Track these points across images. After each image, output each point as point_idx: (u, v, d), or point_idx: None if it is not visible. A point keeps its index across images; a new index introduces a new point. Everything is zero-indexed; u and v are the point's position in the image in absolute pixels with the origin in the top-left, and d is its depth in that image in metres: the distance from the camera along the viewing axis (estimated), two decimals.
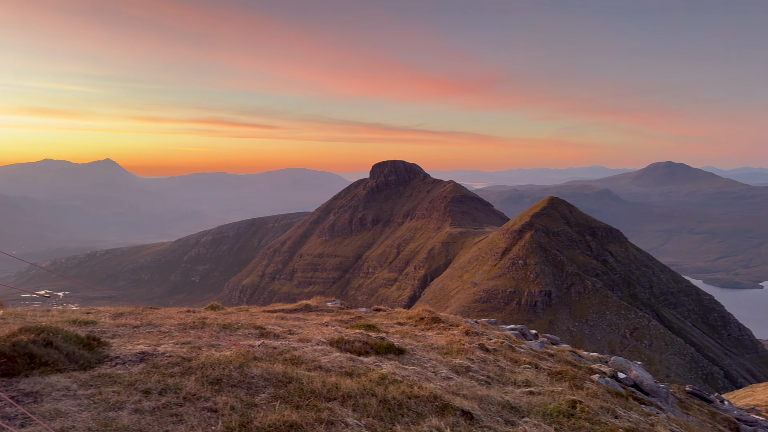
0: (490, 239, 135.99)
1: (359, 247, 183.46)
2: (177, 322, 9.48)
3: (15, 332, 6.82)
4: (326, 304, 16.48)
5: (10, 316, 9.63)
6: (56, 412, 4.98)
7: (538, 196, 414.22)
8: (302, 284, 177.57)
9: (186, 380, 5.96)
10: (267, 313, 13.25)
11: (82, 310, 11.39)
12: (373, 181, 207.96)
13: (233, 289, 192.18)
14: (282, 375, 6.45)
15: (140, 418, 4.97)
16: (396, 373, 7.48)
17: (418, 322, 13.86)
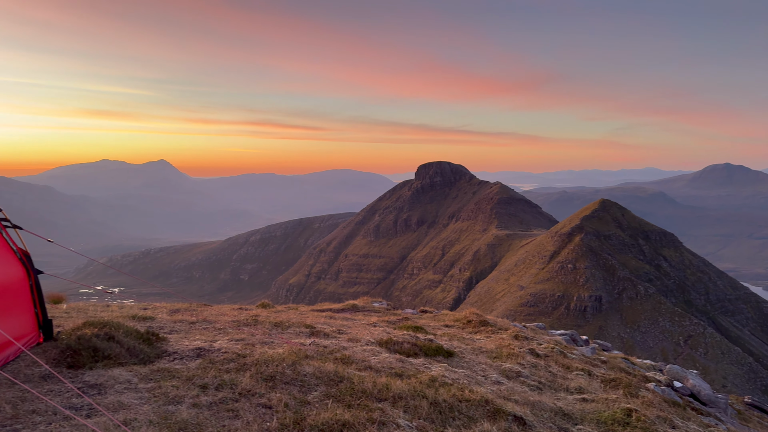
0: (538, 242, 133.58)
1: (404, 248, 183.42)
2: (231, 319, 9.71)
3: (79, 326, 7.12)
4: (373, 305, 16.55)
5: (74, 310, 10.07)
6: (119, 404, 5.16)
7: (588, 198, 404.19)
8: (347, 284, 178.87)
9: (241, 376, 6.08)
10: (316, 312, 13.40)
11: (140, 305, 11.81)
12: (418, 182, 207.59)
13: (280, 288, 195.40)
14: (333, 374, 6.50)
15: (198, 413, 5.10)
16: (446, 376, 7.43)
17: (465, 325, 13.75)
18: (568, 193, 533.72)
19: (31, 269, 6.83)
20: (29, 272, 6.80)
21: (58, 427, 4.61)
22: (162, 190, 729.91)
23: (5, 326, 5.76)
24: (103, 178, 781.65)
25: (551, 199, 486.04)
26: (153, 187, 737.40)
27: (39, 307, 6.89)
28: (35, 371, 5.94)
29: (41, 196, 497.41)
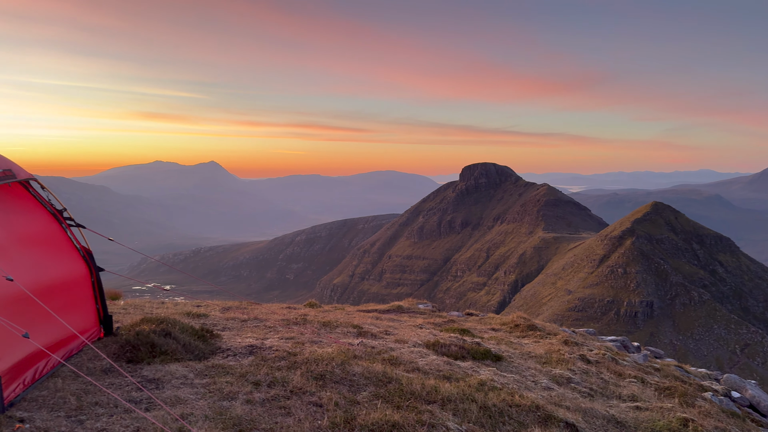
0: (587, 245, 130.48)
1: (447, 250, 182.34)
2: (280, 318, 9.88)
3: (137, 322, 7.39)
4: (418, 306, 16.52)
5: (130, 306, 10.45)
6: (176, 399, 5.33)
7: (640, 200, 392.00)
8: (390, 285, 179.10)
9: (292, 374, 6.18)
10: (362, 312, 13.48)
11: (193, 303, 12.14)
12: (462, 184, 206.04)
13: (324, 288, 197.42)
14: (382, 374, 6.52)
15: (252, 409, 5.21)
16: (495, 380, 7.35)
17: (512, 329, 13.55)
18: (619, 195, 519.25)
19: (93, 266, 7.14)
20: (91, 269, 7.11)
21: (119, 419, 4.79)
22: (212, 190, 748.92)
23: (70, 321, 6.04)
24: (157, 179, 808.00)
25: (601, 201, 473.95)
26: (204, 187, 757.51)
27: (100, 303, 7.19)
28: (97, 365, 6.19)
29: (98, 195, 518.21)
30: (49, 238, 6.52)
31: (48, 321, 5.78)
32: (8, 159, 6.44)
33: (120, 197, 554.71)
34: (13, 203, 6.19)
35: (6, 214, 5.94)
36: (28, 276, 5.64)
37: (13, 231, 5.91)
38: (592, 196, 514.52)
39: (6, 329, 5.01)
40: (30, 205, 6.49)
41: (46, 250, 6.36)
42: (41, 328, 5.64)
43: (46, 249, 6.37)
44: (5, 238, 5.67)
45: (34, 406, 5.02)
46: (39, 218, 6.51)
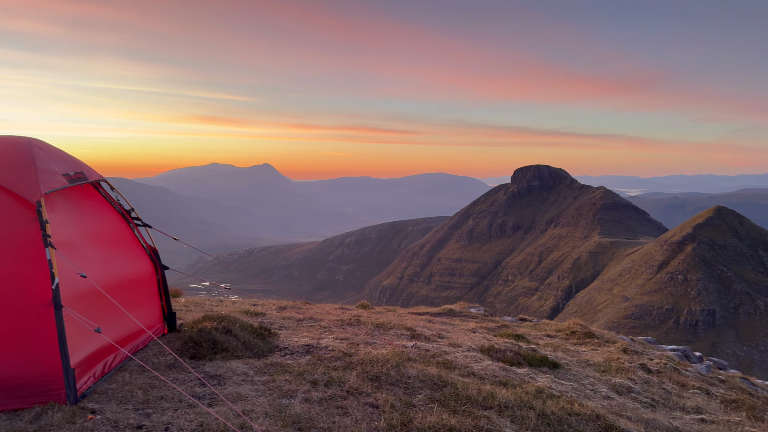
0: (645, 251, 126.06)
1: (498, 253, 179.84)
2: (334, 318, 9.98)
3: (199, 320, 7.62)
4: (470, 310, 16.38)
5: (191, 304, 10.79)
6: (237, 396, 5.46)
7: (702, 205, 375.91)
8: (439, 288, 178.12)
9: (348, 374, 6.23)
10: (414, 315, 13.46)
11: (249, 301, 12.43)
12: (514, 186, 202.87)
13: (373, 289, 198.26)
14: (437, 378, 6.49)
15: (310, 408, 5.28)
16: (553, 388, 7.19)
17: (569, 336, 13.24)
18: (680, 199, 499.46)
19: (159, 265, 7.41)
20: (157, 268, 7.38)
21: (183, 413, 4.94)
22: (265, 192, 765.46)
23: (137, 317, 6.28)
24: (213, 180, 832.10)
25: (661, 205, 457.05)
26: (257, 188, 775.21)
27: (164, 300, 7.46)
28: (162, 360, 6.42)
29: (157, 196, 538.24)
30: (119, 237, 6.82)
31: (117, 317, 6.04)
32: (80, 161, 6.77)
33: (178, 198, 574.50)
34: (85, 204, 6.49)
35: (79, 214, 6.24)
36: (99, 273, 5.90)
37: (86, 230, 6.20)
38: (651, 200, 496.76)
39: (79, 324, 5.26)
40: (100, 206, 6.80)
41: (116, 248, 6.65)
42: (110, 324, 5.89)
43: (116, 247, 6.66)
44: (78, 236, 5.96)
45: (104, 398, 5.24)
46: (109, 218, 6.81)
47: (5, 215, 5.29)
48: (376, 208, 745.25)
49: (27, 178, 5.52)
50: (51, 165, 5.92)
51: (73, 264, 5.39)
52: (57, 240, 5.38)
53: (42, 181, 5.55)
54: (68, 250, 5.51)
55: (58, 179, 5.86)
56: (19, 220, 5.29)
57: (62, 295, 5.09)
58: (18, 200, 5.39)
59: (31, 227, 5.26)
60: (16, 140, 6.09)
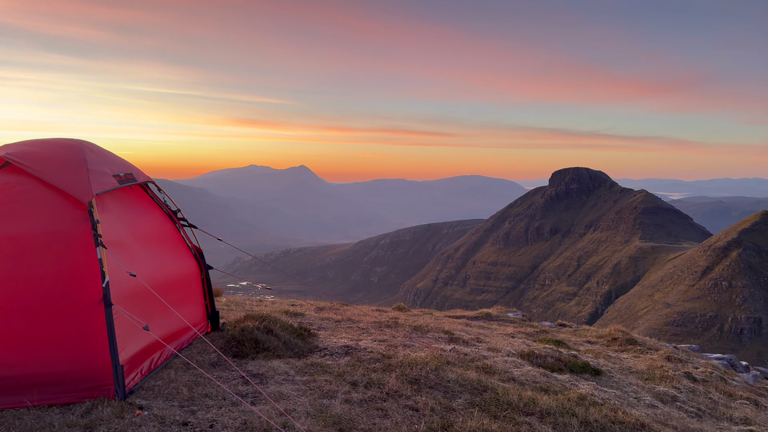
0: (688, 256, 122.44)
1: (535, 257, 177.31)
2: (372, 320, 10.01)
3: (241, 319, 7.75)
4: (507, 315, 16.20)
5: (232, 303, 10.97)
6: (279, 395, 5.53)
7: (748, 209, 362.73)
8: (474, 292, 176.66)
9: (387, 376, 6.23)
10: (450, 318, 13.39)
11: (288, 302, 12.56)
12: (552, 189, 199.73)
13: (408, 292, 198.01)
14: (476, 382, 6.44)
15: (350, 409, 5.30)
16: (595, 395, 7.05)
17: (610, 343, 12.95)
18: (724, 203, 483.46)
19: (203, 265, 7.57)
20: (201, 267, 7.54)
21: (227, 411, 5.03)
22: (301, 193, 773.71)
23: (183, 315, 6.42)
24: (251, 182, 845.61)
25: (704, 209, 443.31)
26: (294, 190, 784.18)
27: (208, 299, 7.61)
28: (206, 358, 6.55)
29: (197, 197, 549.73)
30: (165, 237, 7.00)
31: (163, 315, 6.19)
32: (129, 163, 6.97)
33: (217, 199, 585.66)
34: (134, 204, 6.68)
35: (128, 214, 6.43)
36: (147, 272, 6.05)
37: (135, 230, 6.38)
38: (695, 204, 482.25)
39: (127, 321, 5.41)
40: (148, 206, 6.99)
41: (163, 248, 6.82)
42: (157, 322, 6.03)
43: (163, 247, 6.83)
44: (127, 236, 6.14)
45: (151, 394, 5.38)
46: (156, 218, 7.00)
47: (59, 215, 5.49)
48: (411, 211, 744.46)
49: (79, 179, 5.71)
50: (101, 166, 6.12)
51: (122, 263, 5.55)
52: (107, 239, 5.54)
53: (93, 182, 5.73)
54: (118, 249, 5.68)
55: (108, 180, 6.05)
56: (71, 220, 5.48)
57: (112, 293, 5.25)
58: (70, 200, 5.59)
59: (82, 227, 5.44)
60: (69, 142, 6.31)
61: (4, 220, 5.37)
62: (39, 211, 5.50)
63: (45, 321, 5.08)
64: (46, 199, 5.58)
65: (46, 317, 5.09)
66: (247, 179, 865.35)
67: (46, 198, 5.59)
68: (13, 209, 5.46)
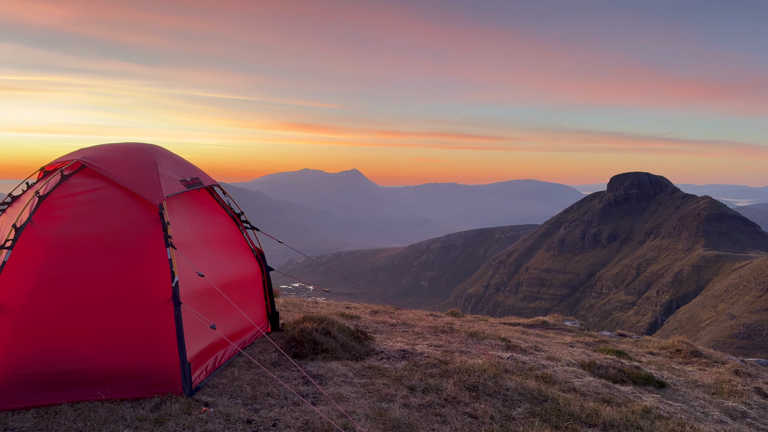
0: (755, 266, 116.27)
1: (591, 264, 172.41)
2: (427, 325, 9.98)
3: (300, 320, 7.88)
4: (564, 323, 15.84)
5: (289, 305, 11.17)
6: (339, 396, 5.59)
7: None
8: (527, 299, 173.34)
9: (445, 382, 6.20)
10: (506, 325, 13.20)
11: (342, 304, 12.69)
12: (610, 195, 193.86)
13: (458, 297, 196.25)
14: (536, 392, 6.32)
15: (409, 413, 5.30)
16: (660, 408, 6.80)
17: (673, 354, 12.45)
18: None
19: (264, 266, 7.75)
20: (263, 269, 7.73)
21: (289, 410, 5.13)
22: (353, 197, 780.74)
23: (246, 314, 6.59)
24: (304, 186, 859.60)
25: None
26: (345, 194, 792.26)
27: (269, 300, 7.78)
28: (267, 358, 6.70)
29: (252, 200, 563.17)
30: (229, 239, 7.21)
31: (226, 315, 6.37)
32: (196, 167, 7.22)
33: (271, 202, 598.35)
34: (200, 207, 6.92)
35: (194, 216, 6.66)
36: (212, 273, 6.25)
37: (200, 232, 6.61)
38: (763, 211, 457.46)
39: (194, 320, 5.60)
40: (213, 209, 7.22)
41: (227, 249, 7.03)
42: (221, 321, 6.21)
43: (227, 249, 7.05)
44: (194, 238, 6.36)
45: (216, 392, 5.54)
46: (221, 221, 7.22)
47: (132, 217, 5.75)
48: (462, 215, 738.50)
49: (151, 182, 5.97)
50: (171, 170, 6.37)
51: (191, 263, 5.75)
52: (176, 240, 5.76)
53: (164, 186, 5.98)
54: (185, 250, 5.89)
55: (177, 184, 6.29)
56: (143, 222, 5.73)
57: (180, 292, 5.44)
58: (143, 203, 5.85)
59: (154, 228, 5.68)
60: (141, 147, 6.60)
61: (82, 220, 5.66)
62: (113, 212, 5.77)
63: (118, 317, 5.32)
64: (120, 201, 5.86)
65: (118, 314, 5.33)
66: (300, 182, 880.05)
67: (120, 200, 5.87)
68: (89, 210, 5.75)
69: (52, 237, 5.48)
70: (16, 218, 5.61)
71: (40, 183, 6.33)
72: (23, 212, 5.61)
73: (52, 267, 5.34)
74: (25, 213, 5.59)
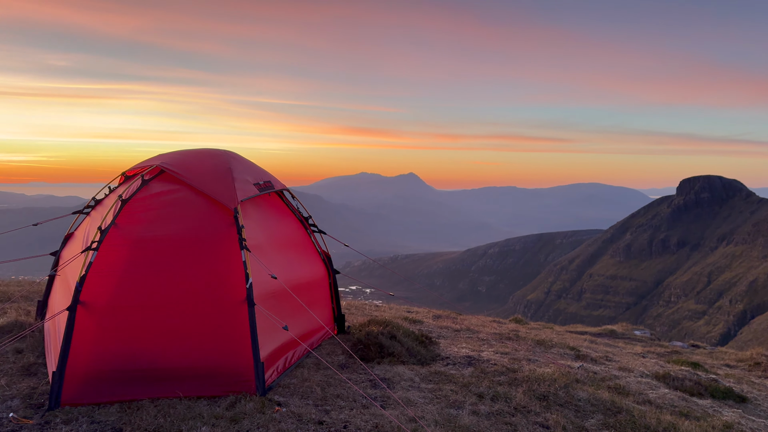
0: None
1: (659, 271, 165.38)
2: (491, 331, 9.85)
3: (365, 323, 7.93)
4: (634, 332, 15.32)
5: (352, 307, 11.28)
6: (407, 401, 5.58)
7: None
8: (591, 306, 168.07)
9: (514, 391, 6.09)
10: (572, 334, 12.86)
11: (403, 308, 12.69)
12: (680, 199, 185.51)
13: (517, 303, 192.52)
14: (610, 403, 6.11)
15: (478, 421, 5.23)
16: (742, 424, 6.43)
17: (752, 367, 11.77)
18: None
19: (331, 269, 7.85)
20: (329, 272, 7.84)
21: (358, 413, 5.16)
22: (410, 200, 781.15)
23: (313, 317, 6.70)
24: (361, 189, 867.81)
25: None
26: (402, 197, 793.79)
27: (335, 302, 7.88)
28: (334, 360, 6.78)
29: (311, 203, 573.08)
30: (298, 242, 7.36)
31: (295, 316, 6.49)
32: (267, 171, 7.42)
33: (330, 205, 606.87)
34: (271, 210, 7.10)
35: (266, 220, 6.84)
36: (282, 275, 6.39)
37: (271, 235, 6.77)
38: None
39: (267, 320, 5.73)
40: (283, 213, 7.40)
41: (296, 252, 7.18)
42: (290, 322, 6.33)
43: (296, 251, 7.19)
44: (265, 240, 6.52)
45: (287, 392, 5.64)
46: (290, 224, 7.39)
47: (208, 220, 5.96)
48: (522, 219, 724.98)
49: (226, 186, 6.17)
50: (245, 175, 6.57)
51: (264, 265, 5.90)
52: (249, 243, 5.92)
53: (238, 190, 6.17)
54: (258, 252, 6.05)
55: (250, 188, 6.48)
56: (219, 225, 5.92)
57: (254, 294, 5.59)
58: (218, 206, 6.05)
59: (229, 231, 5.87)
60: (216, 152, 6.84)
61: (161, 223, 5.91)
62: (191, 215, 6.00)
63: (195, 317, 5.51)
64: (197, 205, 6.09)
65: (196, 314, 5.52)
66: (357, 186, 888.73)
67: (197, 204, 6.10)
68: (168, 213, 6.00)
69: (134, 239, 5.75)
70: (101, 221, 5.92)
71: (122, 187, 6.67)
72: (107, 215, 5.92)
73: (134, 267, 5.59)
74: (110, 216, 5.89)
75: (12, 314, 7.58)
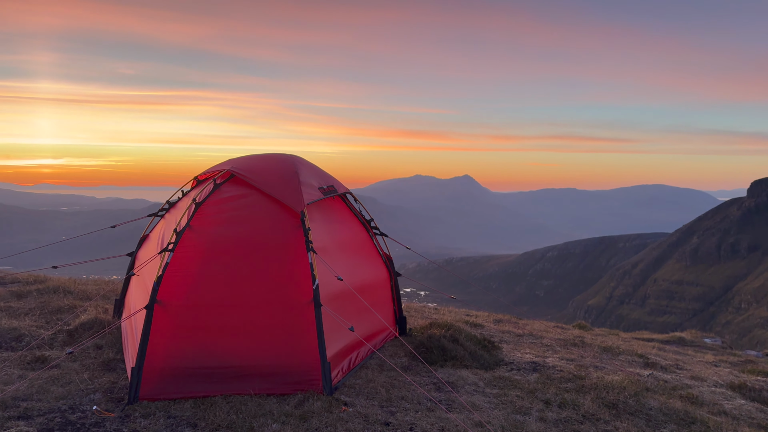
0: None
1: (729, 277, 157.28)
2: (555, 337, 9.65)
3: (427, 326, 7.95)
4: (704, 340, 14.67)
5: (411, 310, 11.30)
6: (472, 405, 5.56)
7: None
8: (655, 312, 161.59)
9: (582, 398, 5.96)
10: (639, 340, 12.44)
11: (462, 311, 12.61)
12: (751, 201, 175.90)
13: (577, 308, 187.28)
14: (683, 413, 5.89)
15: (546, 428, 5.16)
16: None
17: None
18: None
19: (392, 271, 7.91)
20: (391, 274, 7.90)
21: (424, 415, 5.19)
22: (465, 203, 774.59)
23: (376, 319, 6.77)
24: (416, 191, 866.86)
25: None
26: (457, 200, 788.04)
27: (396, 304, 7.94)
28: (397, 362, 6.82)
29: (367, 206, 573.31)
30: (361, 244, 7.47)
31: (360, 317, 6.58)
32: (330, 175, 7.56)
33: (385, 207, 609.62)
34: (335, 213, 7.24)
35: (330, 222, 6.97)
36: (347, 276, 6.49)
37: (335, 237, 6.90)
38: None
39: (332, 321, 5.84)
40: (346, 216, 7.52)
41: (359, 254, 7.28)
42: (356, 323, 6.42)
43: (359, 254, 7.30)
44: (330, 243, 6.64)
45: (353, 392, 5.73)
46: (353, 227, 7.50)
47: (276, 223, 6.13)
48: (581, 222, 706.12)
49: (293, 190, 6.34)
50: (310, 179, 6.72)
51: (330, 267, 6.02)
52: (315, 246, 6.06)
53: (305, 194, 6.32)
54: (324, 254, 6.18)
55: (315, 192, 6.63)
56: (286, 227, 6.09)
57: (320, 295, 5.71)
58: (286, 210, 6.22)
59: (296, 234, 6.02)
60: (283, 157, 7.03)
61: (233, 225, 6.13)
62: (259, 218, 6.20)
63: (265, 317, 5.68)
64: (265, 208, 6.27)
65: (265, 313, 5.69)
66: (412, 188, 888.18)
67: (265, 207, 6.28)
68: (239, 216, 6.21)
69: (207, 240, 5.98)
70: (176, 223, 6.19)
71: (195, 191, 6.95)
72: (182, 218, 6.18)
73: (207, 268, 5.81)
74: (184, 218, 6.15)
75: (92, 312, 8.00)
